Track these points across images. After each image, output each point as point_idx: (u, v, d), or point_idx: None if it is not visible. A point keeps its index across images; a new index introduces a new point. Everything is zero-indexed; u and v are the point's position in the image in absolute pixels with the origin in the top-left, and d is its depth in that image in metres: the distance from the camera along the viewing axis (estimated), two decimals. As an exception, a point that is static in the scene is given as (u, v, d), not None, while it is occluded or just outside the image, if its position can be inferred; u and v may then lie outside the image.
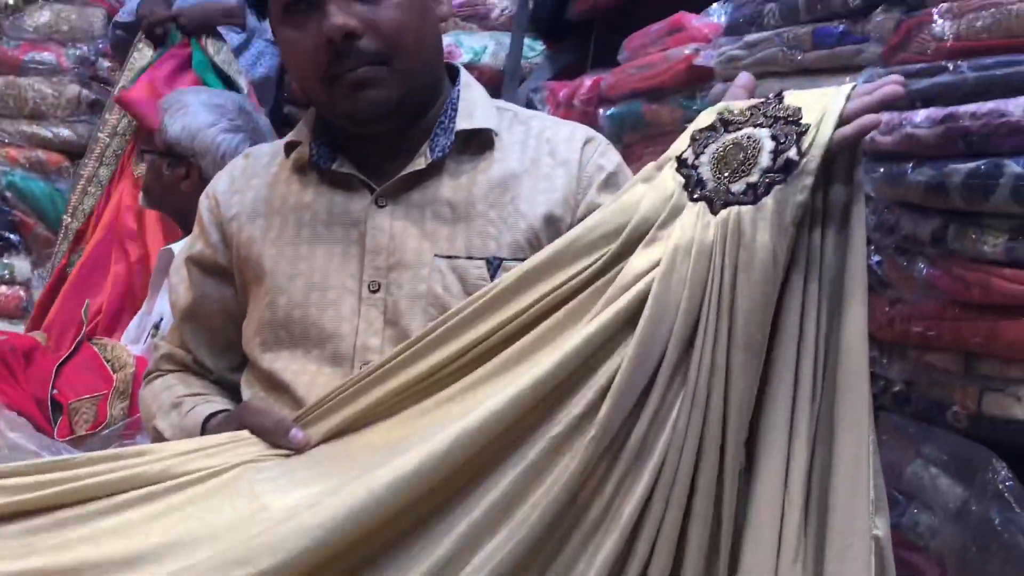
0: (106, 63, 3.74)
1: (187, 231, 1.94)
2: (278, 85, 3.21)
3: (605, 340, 0.89)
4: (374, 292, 1.09)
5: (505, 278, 0.96)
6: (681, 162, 0.94)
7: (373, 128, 1.10)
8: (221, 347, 1.24)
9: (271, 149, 1.23)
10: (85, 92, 3.63)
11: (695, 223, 0.89)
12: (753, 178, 0.88)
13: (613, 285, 0.90)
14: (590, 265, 0.93)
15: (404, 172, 1.10)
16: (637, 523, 0.88)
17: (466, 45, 2.80)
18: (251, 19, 2.81)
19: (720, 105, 0.97)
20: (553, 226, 1.10)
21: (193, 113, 2.00)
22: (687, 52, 1.91)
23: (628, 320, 0.89)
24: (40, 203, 3.61)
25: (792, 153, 0.87)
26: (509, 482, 0.87)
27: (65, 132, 3.65)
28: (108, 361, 1.97)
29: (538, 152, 1.14)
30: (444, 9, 1.13)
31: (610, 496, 0.89)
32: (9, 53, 3.59)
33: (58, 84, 3.62)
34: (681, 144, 0.96)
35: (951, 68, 1.23)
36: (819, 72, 1.53)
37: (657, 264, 0.88)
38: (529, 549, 0.87)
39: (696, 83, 1.94)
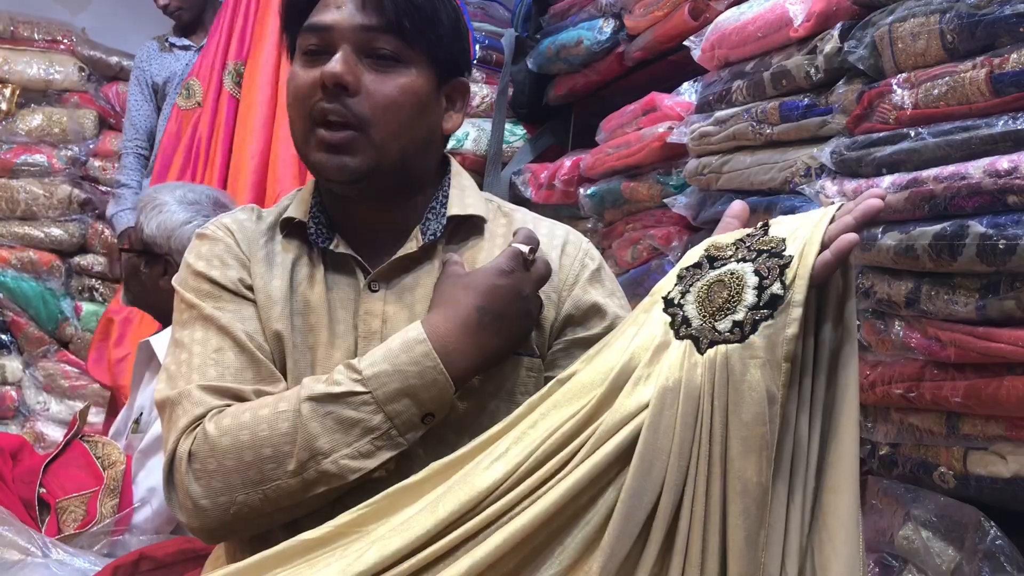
0: (97, 162, 3.81)
1: (167, 326, 1.95)
2: None
3: (593, 484, 0.85)
4: None
5: (489, 442, 0.92)
6: (668, 302, 0.91)
7: (337, 190, 1.10)
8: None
9: (270, 220, 1.18)
10: (76, 192, 3.69)
11: (682, 362, 0.85)
12: (739, 316, 0.85)
13: (600, 427, 0.86)
14: (581, 409, 0.89)
15: (396, 256, 1.11)
16: None
17: (448, 132, 2.85)
18: None
19: (708, 241, 0.94)
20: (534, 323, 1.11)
21: (169, 211, 2.02)
22: (660, 130, 1.96)
23: (617, 465, 0.84)
24: (32, 303, 3.63)
25: (776, 288, 0.84)
26: None
27: (56, 231, 3.69)
28: (98, 458, 1.95)
29: None
30: (450, 125, 1.15)
31: None
32: (1, 156, 3.65)
33: (49, 185, 3.67)
34: (668, 283, 0.94)
35: (912, 135, 1.27)
36: (788, 144, 1.57)
37: (646, 406, 0.85)
38: None
39: (671, 159, 1.98)
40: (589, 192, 2.32)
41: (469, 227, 1.15)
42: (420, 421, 0.97)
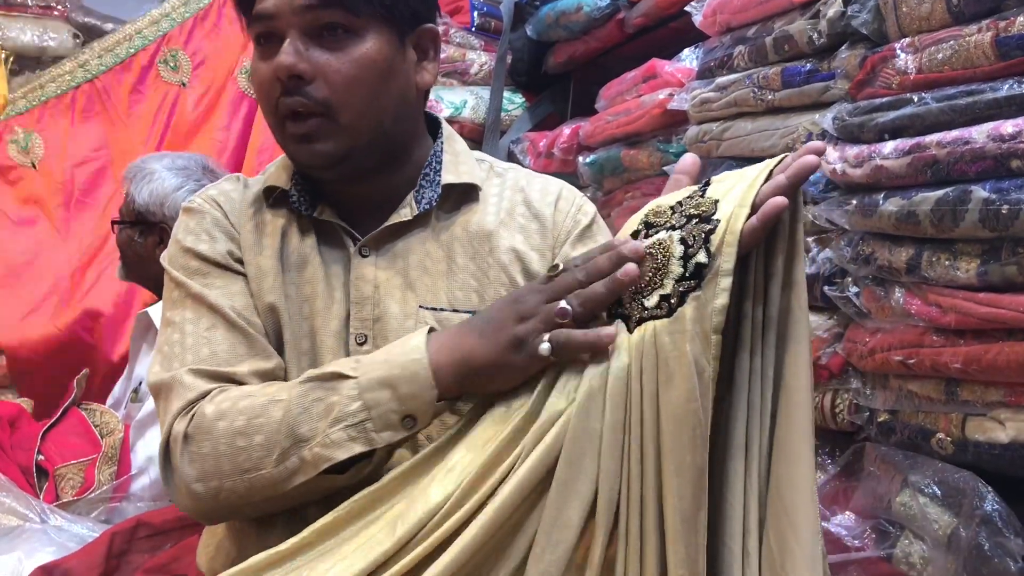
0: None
1: None
2: None
3: (536, 481, 0.80)
4: (361, 345, 1.07)
5: (446, 447, 0.88)
6: None
7: (320, 176, 1.08)
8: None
9: (257, 189, 1.15)
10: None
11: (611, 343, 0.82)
12: (666, 289, 0.80)
13: (538, 422, 0.82)
14: (523, 407, 0.85)
15: (389, 223, 1.09)
16: None
17: (447, 100, 2.82)
18: None
19: (651, 204, 0.88)
20: (531, 281, 1.10)
21: (160, 178, 2.00)
22: (661, 97, 1.94)
23: (550, 467, 0.80)
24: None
25: (701, 256, 0.78)
26: None
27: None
28: (96, 426, 1.95)
29: (513, 203, 1.14)
30: (427, 77, 1.11)
31: None
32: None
33: (44, 154, 3.64)
34: None
35: (916, 100, 1.25)
36: (789, 110, 1.56)
37: (574, 400, 0.81)
38: None
39: (672, 126, 1.97)
40: (588, 160, 2.31)
41: (462, 193, 1.13)
42: (400, 422, 0.90)
